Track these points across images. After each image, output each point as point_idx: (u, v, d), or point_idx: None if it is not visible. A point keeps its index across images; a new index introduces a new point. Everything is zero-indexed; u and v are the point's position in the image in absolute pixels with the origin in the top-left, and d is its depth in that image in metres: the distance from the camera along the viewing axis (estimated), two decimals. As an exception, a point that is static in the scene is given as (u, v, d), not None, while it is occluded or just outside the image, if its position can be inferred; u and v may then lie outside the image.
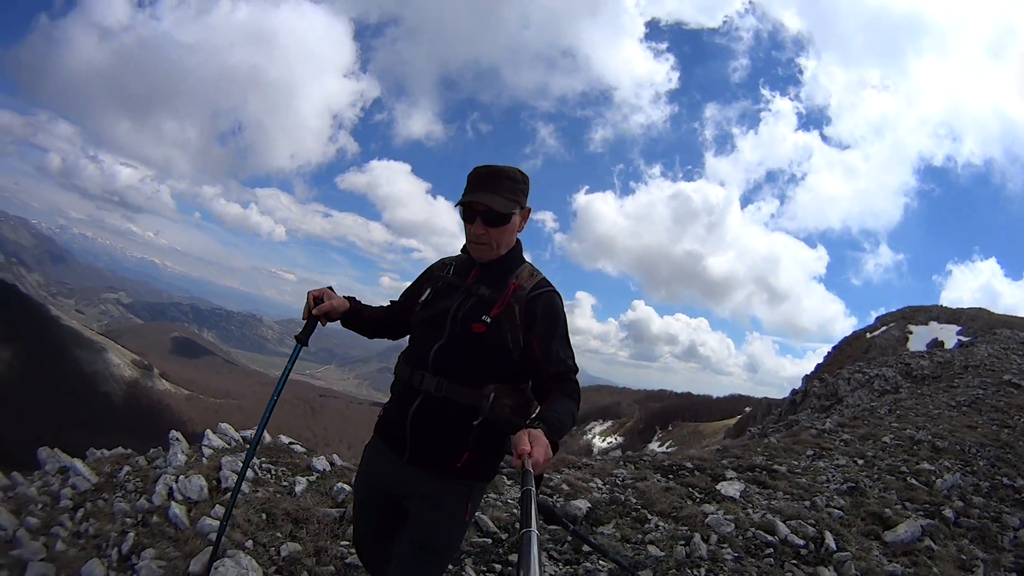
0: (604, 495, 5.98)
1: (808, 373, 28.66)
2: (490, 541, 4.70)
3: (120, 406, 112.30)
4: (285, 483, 5.20)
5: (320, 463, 5.66)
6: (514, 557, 4.50)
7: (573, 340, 2.48)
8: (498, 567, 4.35)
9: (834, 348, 31.22)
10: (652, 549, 4.81)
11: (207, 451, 5.64)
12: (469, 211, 2.40)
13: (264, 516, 4.45)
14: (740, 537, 5.09)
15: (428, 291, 2.60)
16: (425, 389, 2.39)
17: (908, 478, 7.19)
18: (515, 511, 5.42)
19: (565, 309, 2.49)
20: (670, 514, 5.55)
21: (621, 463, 7.52)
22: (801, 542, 5.11)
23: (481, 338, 2.35)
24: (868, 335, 25.76)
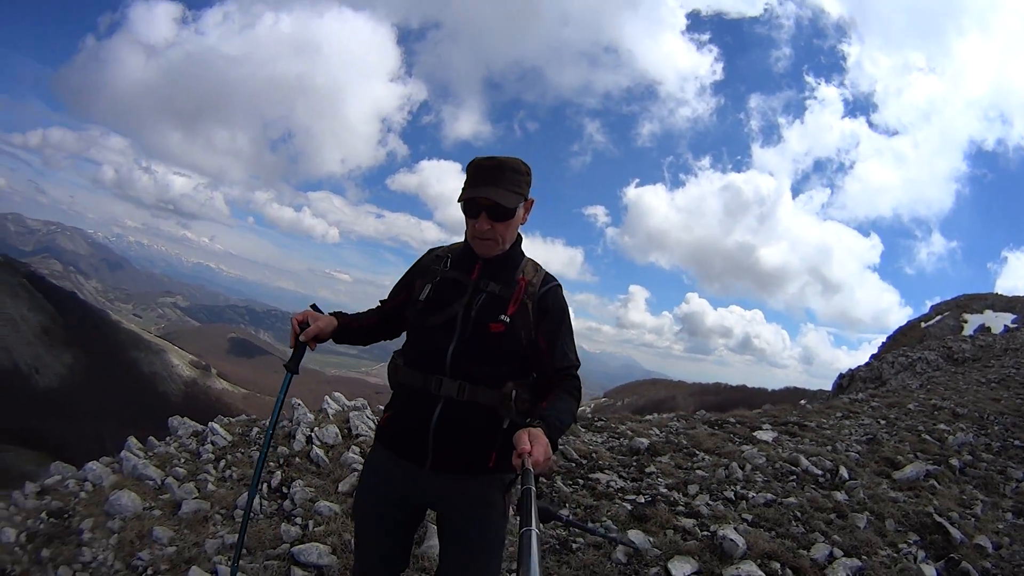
0: (660, 438, 7.35)
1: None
2: (574, 464, 6.15)
3: (179, 405, 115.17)
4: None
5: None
6: (595, 476, 5.88)
7: (628, 334, 2.83)
8: (581, 482, 5.75)
9: (888, 338, 30.97)
10: (699, 472, 6.18)
11: (330, 411, 7.01)
12: (472, 206, 2.34)
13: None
14: (770, 467, 6.41)
15: (428, 288, 2.49)
16: (445, 394, 2.31)
17: (923, 435, 8.20)
18: (592, 445, 6.83)
19: (570, 305, 2.48)
20: (714, 451, 6.95)
21: (675, 418, 8.92)
22: (819, 472, 6.38)
23: (500, 338, 2.31)
24: (923, 325, 25.28)
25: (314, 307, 2.73)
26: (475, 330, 2.32)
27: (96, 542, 4.74)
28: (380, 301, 2.77)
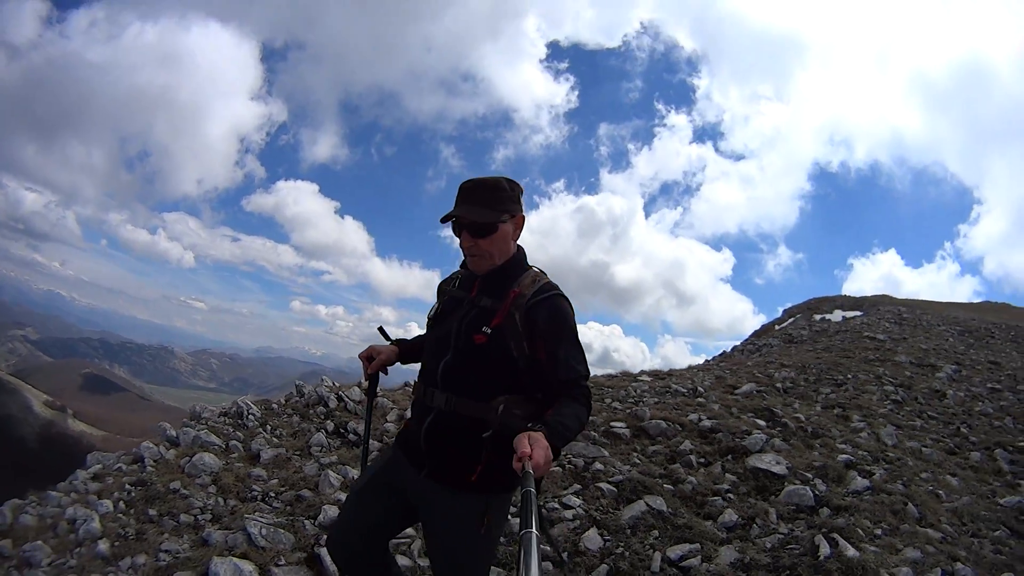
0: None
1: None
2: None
3: (36, 451, 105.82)
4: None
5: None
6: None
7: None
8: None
9: (743, 341, 30.51)
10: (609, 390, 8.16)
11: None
12: (455, 226, 2.46)
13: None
14: (652, 390, 8.60)
15: (437, 307, 2.66)
16: (436, 406, 2.43)
17: (755, 372, 10.80)
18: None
19: (574, 312, 2.50)
20: (616, 386, 9.04)
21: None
22: (683, 390, 8.75)
23: (483, 349, 2.37)
24: (776, 327, 26.00)
25: (381, 330, 3.04)
26: (464, 343, 2.41)
27: (197, 493, 5.46)
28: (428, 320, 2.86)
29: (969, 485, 6.43)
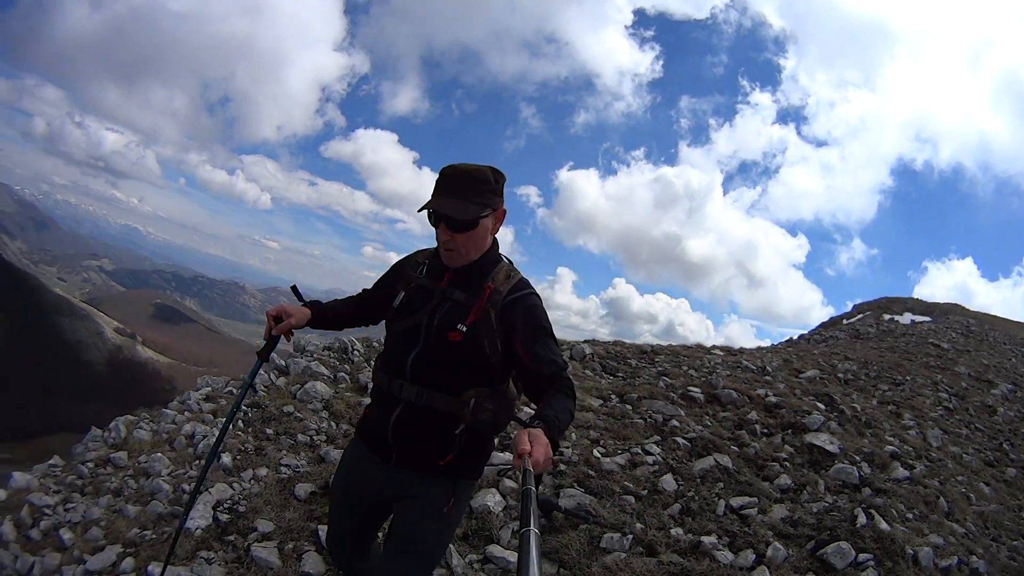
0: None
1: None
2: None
3: (103, 374, 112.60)
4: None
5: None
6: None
7: (554, 316, 2.49)
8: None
9: (810, 331, 29.91)
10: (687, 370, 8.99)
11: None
12: (433, 217, 2.40)
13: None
14: (726, 366, 9.29)
15: (401, 295, 2.59)
16: (405, 398, 2.43)
17: (820, 361, 11.45)
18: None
19: (544, 304, 2.50)
20: (691, 356, 9.80)
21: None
22: (753, 367, 9.55)
23: (458, 346, 2.37)
24: (844, 321, 25.58)
25: (294, 288, 3.06)
26: (436, 339, 2.41)
27: (310, 417, 6.09)
28: (363, 290, 2.92)
29: (1000, 496, 7.05)
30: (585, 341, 9.84)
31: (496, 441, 2.70)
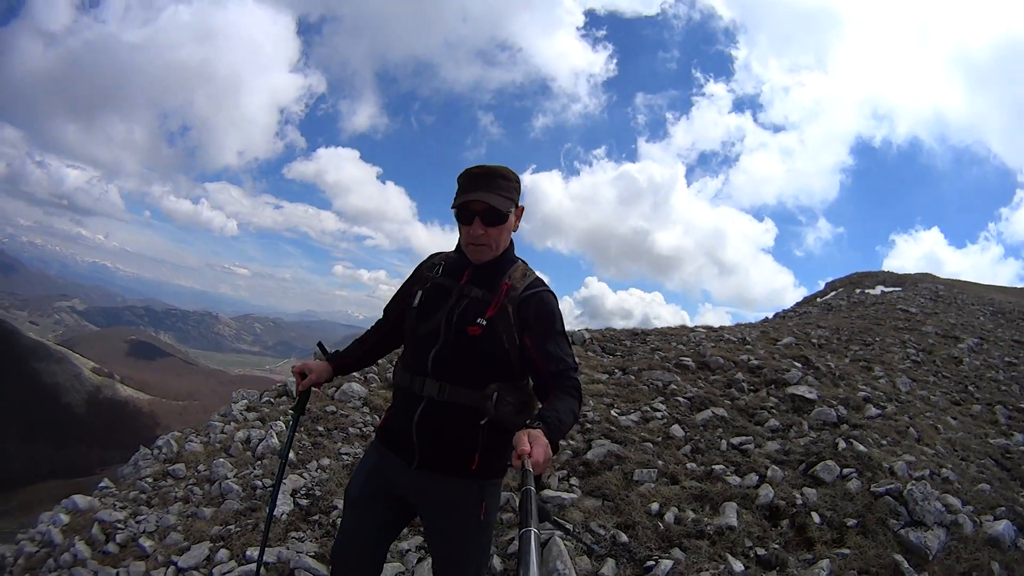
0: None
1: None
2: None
3: (83, 416, 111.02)
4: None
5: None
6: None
7: None
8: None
9: (784, 311, 30.38)
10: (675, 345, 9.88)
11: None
12: (466, 212, 2.44)
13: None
14: (710, 339, 10.20)
15: (419, 294, 2.63)
16: (427, 395, 2.46)
17: (795, 330, 12.32)
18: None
19: (558, 305, 2.53)
20: (676, 335, 10.67)
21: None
22: (734, 339, 10.40)
23: (477, 340, 2.41)
24: (818, 300, 25.52)
25: (320, 345, 3.21)
26: (456, 334, 2.44)
27: (353, 413, 6.84)
28: (384, 310, 2.95)
29: (966, 427, 7.91)
30: (583, 328, 10.71)
31: None
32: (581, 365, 8.30)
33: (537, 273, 2.58)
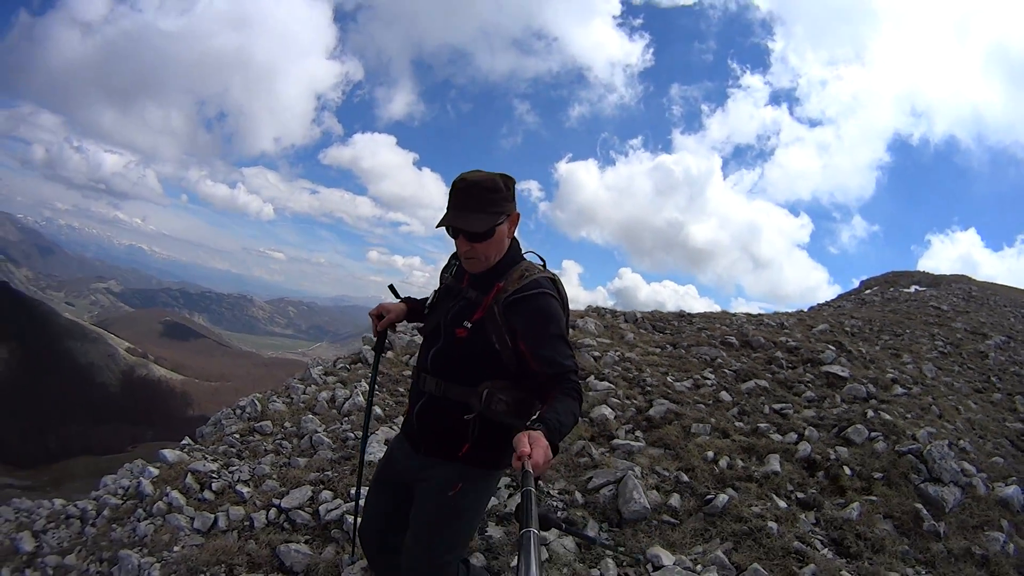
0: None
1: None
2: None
3: (117, 395, 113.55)
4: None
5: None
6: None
7: None
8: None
9: (819, 305, 29.01)
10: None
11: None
12: (451, 229, 2.53)
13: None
14: (750, 321, 10.96)
15: (433, 295, 2.89)
16: (427, 390, 2.67)
17: (829, 319, 12.92)
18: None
19: (560, 303, 2.58)
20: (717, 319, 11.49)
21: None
22: (773, 324, 11.06)
23: (464, 341, 2.55)
24: (852, 296, 24.84)
25: (392, 288, 3.23)
26: (447, 335, 2.63)
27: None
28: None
29: (985, 411, 8.57)
30: (635, 309, 11.50)
31: None
32: (634, 342, 9.14)
33: (541, 272, 2.61)
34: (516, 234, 2.72)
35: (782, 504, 5.04)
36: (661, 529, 4.72)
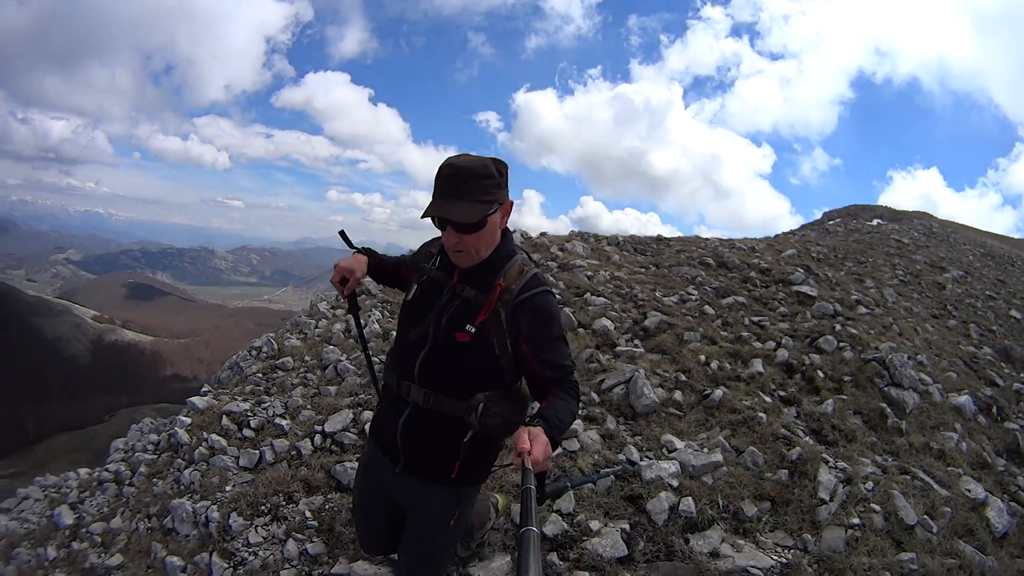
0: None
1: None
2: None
3: (89, 366, 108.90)
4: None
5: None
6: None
7: (521, 240, 2.98)
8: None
9: (784, 233, 29.39)
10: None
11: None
12: (438, 219, 2.23)
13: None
14: (722, 245, 11.58)
15: (415, 288, 2.49)
16: (413, 400, 2.36)
17: (796, 245, 13.57)
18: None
19: (557, 306, 2.40)
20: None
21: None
22: (744, 248, 11.66)
23: (466, 347, 2.28)
24: (815, 227, 25.02)
25: (342, 233, 2.87)
26: (444, 339, 2.31)
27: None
28: (407, 258, 2.87)
29: (941, 334, 9.25)
30: (617, 233, 12.09)
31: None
32: (620, 263, 9.68)
33: (536, 268, 2.41)
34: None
35: (767, 400, 5.71)
36: (669, 420, 5.39)
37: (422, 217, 2.22)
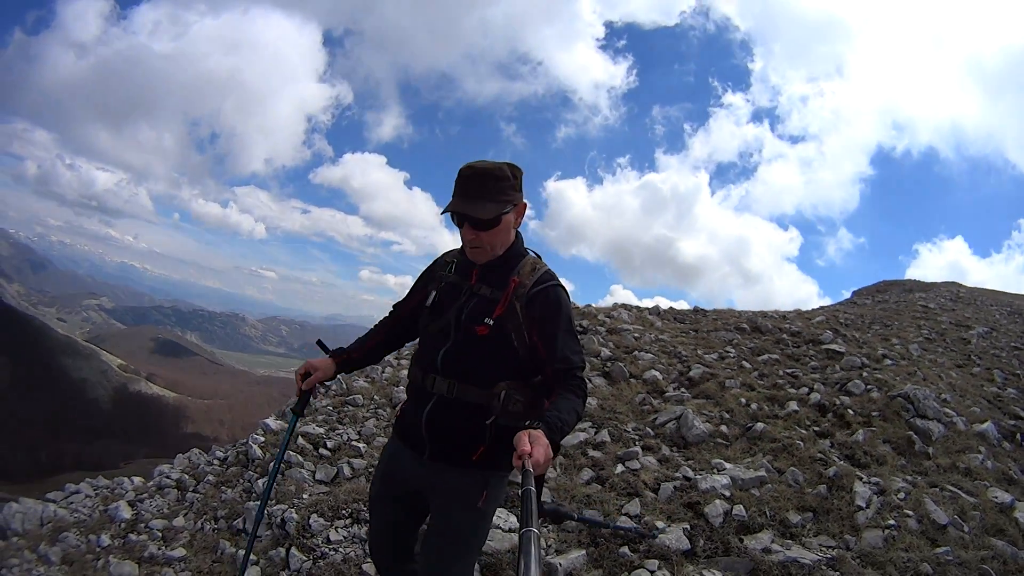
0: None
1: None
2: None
3: (110, 411, 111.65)
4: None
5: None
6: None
7: None
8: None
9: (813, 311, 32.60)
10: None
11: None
12: (456, 217, 2.43)
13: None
14: (755, 315, 12.49)
15: (433, 294, 2.65)
16: (437, 392, 2.49)
17: (825, 315, 14.30)
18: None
19: (569, 301, 2.51)
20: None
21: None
22: (776, 315, 12.51)
23: (485, 340, 2.42)
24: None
25: (319, 343, 3.09)
26: (464, 333, 2.46)
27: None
28: (394, 305, 2.97)
29: (965, 380, 9.81)
30: (657, 304, 13.09)
31: None
32: (663, 328, 10.63)
33: (547, 266, 2.57)
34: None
35: (803, 431, 6.55)
36: (717, 448, 6.25)
37: (441, 213, 2.46)
